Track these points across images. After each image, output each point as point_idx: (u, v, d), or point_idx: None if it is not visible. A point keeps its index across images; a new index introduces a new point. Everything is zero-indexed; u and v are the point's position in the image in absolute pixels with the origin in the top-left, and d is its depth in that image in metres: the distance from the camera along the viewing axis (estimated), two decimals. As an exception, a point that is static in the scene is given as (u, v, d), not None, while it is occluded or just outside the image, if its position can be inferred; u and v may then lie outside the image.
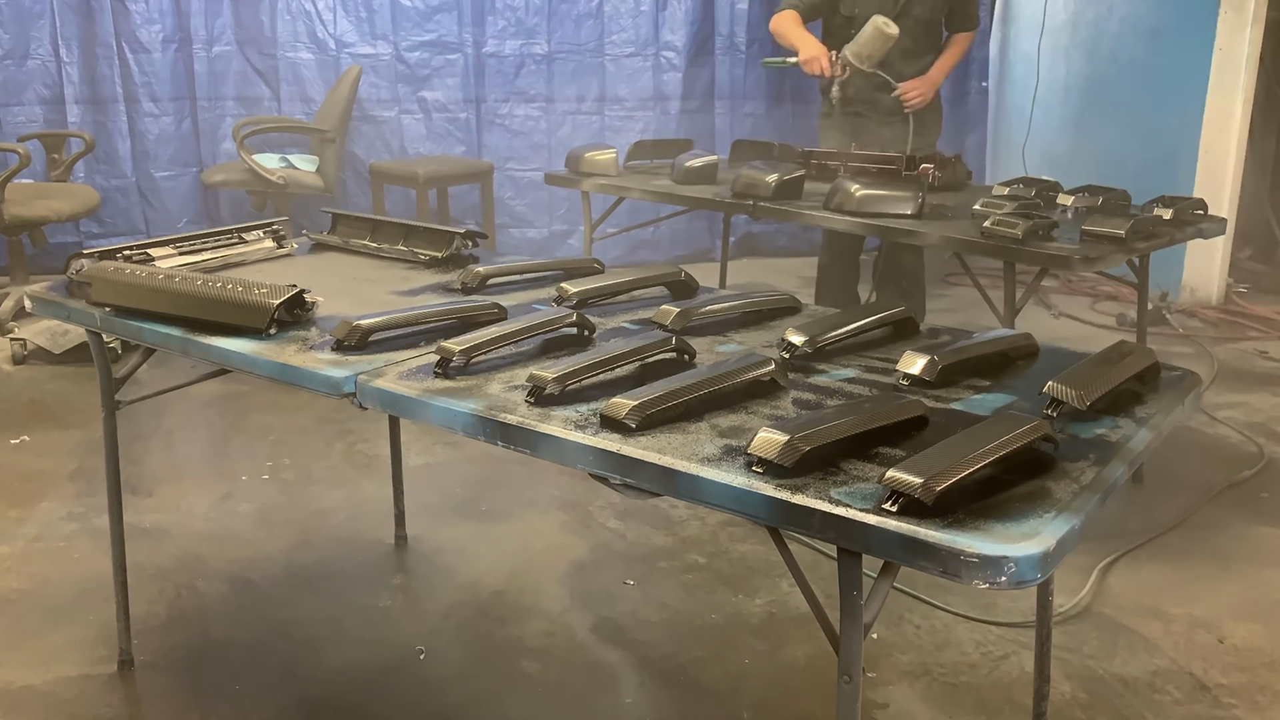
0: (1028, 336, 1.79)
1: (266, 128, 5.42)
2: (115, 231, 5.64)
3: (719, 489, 1.28)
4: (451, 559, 2.92)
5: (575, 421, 1.45)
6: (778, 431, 1.29)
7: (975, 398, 1.57)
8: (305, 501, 3.24)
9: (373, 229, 2.55)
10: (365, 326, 1.77)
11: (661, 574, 2.83)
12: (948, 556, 1.11)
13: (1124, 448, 1.39)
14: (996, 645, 2.47)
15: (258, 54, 5.77)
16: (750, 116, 6.36)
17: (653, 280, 2.16)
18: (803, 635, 2.51)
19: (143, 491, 3.26)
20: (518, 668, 2.42)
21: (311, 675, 2.39)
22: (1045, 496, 1.24)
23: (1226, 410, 4.00)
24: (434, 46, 5.92)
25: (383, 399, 1.62)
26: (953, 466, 1.19)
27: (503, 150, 6.08)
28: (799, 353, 1.72)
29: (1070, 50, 6.29)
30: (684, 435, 1.41)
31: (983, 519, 1.17)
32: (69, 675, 2.36)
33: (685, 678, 2.39)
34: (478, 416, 1.50)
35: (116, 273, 2.00)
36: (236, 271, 2.29)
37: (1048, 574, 1.13)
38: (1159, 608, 2.65)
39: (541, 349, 1.79)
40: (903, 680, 2.35)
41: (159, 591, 2.71)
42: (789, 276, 6.00)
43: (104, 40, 5.53)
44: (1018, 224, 2.74)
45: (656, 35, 6.15)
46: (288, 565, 2.87)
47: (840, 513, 1.18)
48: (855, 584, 1.23)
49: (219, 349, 1.81)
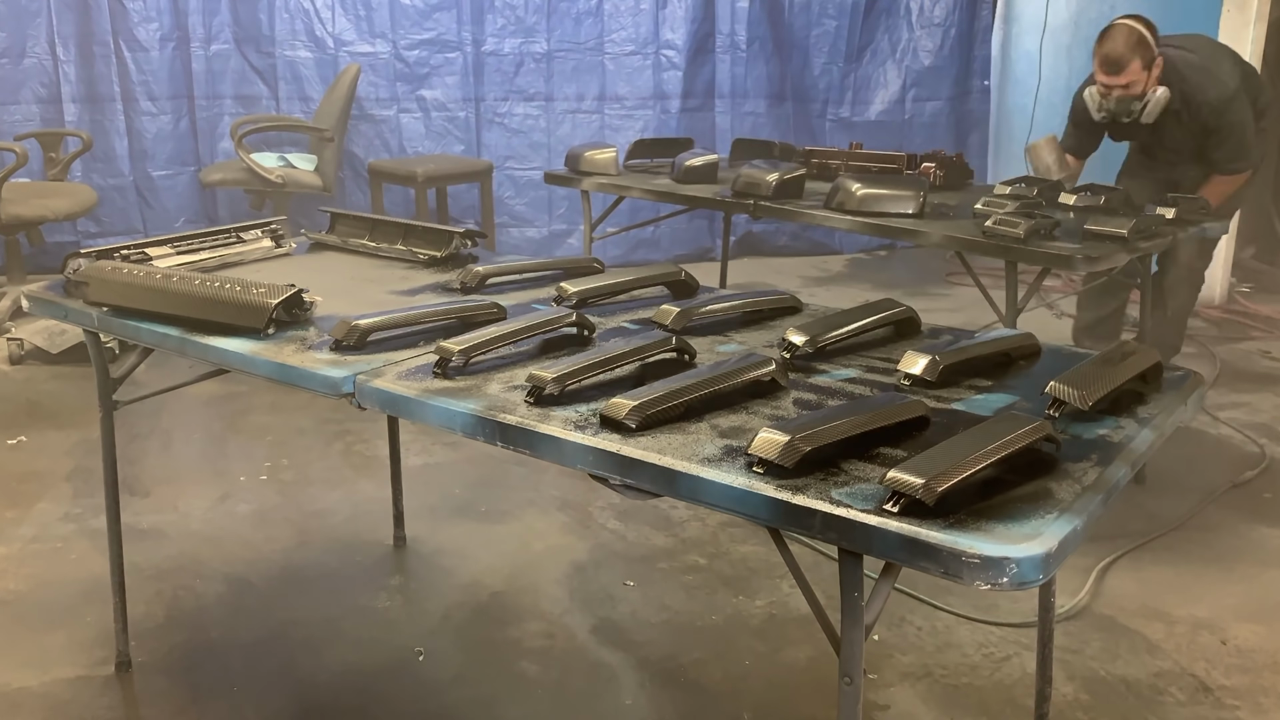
0: (1030, 336, 1.79)
1: (264, 126, 5.42)
2: (112, 231, 5.64)
3: (719, 490, 1.28)
4: (450, 560, 2.92)
5: (575, 422, 1.45)
6: (778, 432, 1.29)
7: (977, 398, 1.57)
8: (303, 502, 3.24)
9: (371, 228, 2.55)
10: (364, 326, 1.77)
11: (662, 575, 2.83)
12: (949, 557, 1.11)
13: (1126, 448, 1.39)
14: (998, 646, 2.47)
15: (256, 52, 5.77)
16: (751, 115, 6.36)
17: (653, 280, 2.16)
18: (803, 637, 2.51)
19: (140, 492, 3.26)
20: (517, 669, 2.42)
21: (310, 677, 2.39)
22: (1047, 497, 1.24)
23: (1229, 411, 4.00)
24: (433, 45, 5.92)
25: (381, 399, 1.62)
26: (954, 467, 1.19)
27: (502, 149, 6.08)
28: (800, 353, 1.72)
29: (1072, 49, 6.29)
30: (684, 436, 1.41)
31: (984, 520, 1.17)
32: (66, 677, 2.36)
33: (686, 679, 2.39)
34: (477, 417, 1.50)
35: (114, 272, 2.00)
36: (234, 271, 2.29)
37: (1050, 575, 1.14)
38: (1161, 609, 2.65)
39: (541, 349, 1.79)
40: (904, 682, 2.36)
41: (156, 592, 2.71)
42: (790, 276, 6.00)
43: (101, 38, 5.53)
44: (1020, 223, 2.74)
45: (657, 33, 6.15)
46: (286, 566, 2.87)
47: (841, 513, 1.19)
48: (856, 585, 1.23)
49: (217, 349, 1.81)
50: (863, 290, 5.72)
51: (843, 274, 6.26)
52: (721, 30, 6.26)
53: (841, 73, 6.52)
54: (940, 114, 6.67)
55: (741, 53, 6.28)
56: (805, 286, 5.76)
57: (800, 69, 6.48)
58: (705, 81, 6.29)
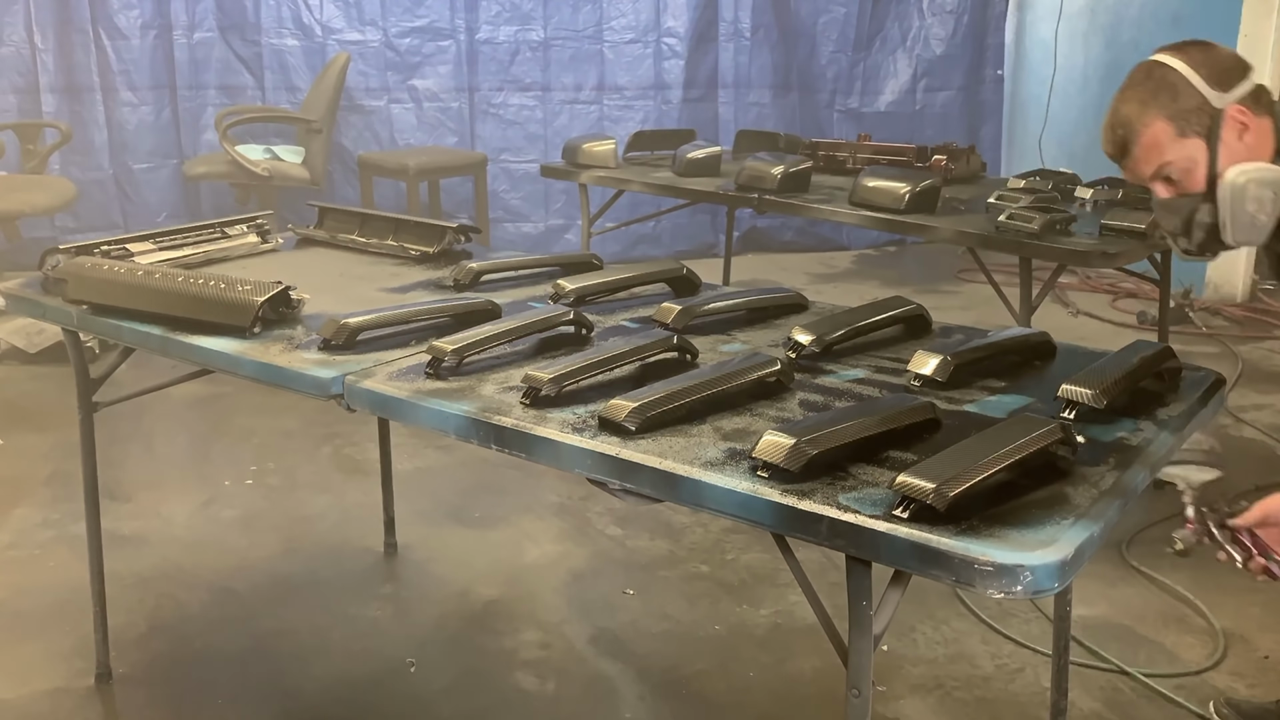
0: (1044, 335, 1.79)
1: (250, 118, 5.42)
2: (92, 226, 5.63)
3: (722, 494, 1.28)
4: (443, 567, 2.92)
5: (572, 424, 1.45)
6: (784, 434, 1.29)
7: (990, 399, 1.57)
8: (291, 508, 3.25)
9: (361, 223, 2.56)
10: (353, 325, 1.77)
11: (662, 583, 2.83)
12: (961, 565, 1.11)
13: (1145, 451, 1.39)
14: (1011, 658, 2.48)
15: (241, 40, 5.77)
16: (755, 106, 6.36)
17: (653, 277, 2.16)
18: (810, 647, 2.51)
19: (121, 497, 3.27)
20: (512, 681, 2.42)
21: (297, 689, 2.39)
22: (1063, 502, 1.24)
23: (1252, 412, 4.00)
24: (425, 33, 5.92)
25: (371, 400, 1.62)
26: (966, 471, 1.19)
27: (497, 141, 6.08)
28: (806, 352, 1.72)
29: (1089, 37, 6.29)
30: (686, 438, 1.41)
31: (998, 526, 1.17)
32: (44, 689, 2.36)
33: (687, 692, 2.39)
34: (470, 419, 1.50)
35: (94, 269, 2.00)
36: (219, 268, 2.29)
37: (1066, 583, 1.14)
38: (1182, 618, 2.65)
39: (537, 348, 1.79)
40: (914, 694, 2.36)
41: (138, 601, 2.71)
42: (796, 273, 6.01)
43: (80, 26, 5.53)
44: (1034, 218, 2.74)
45: (658, 21, 6.16)
46: (272, 574, 2.88)
47: (849, 519, 1.19)
48: (865, 594, 1.23)
49: (201, 348, 1.81)
50: (871, 287, 5.72)
51: (850, 270, 6.26)
52: (725, 17, 6.26)
53: (849, 62, 6.52)
54: (952, 104, 6.68)
55: (745, 41, 6.28)
56: (811, 283, 5.77)
57: (807, 58, 6.48)
58: (708, 71, 6.29)
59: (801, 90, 6.47)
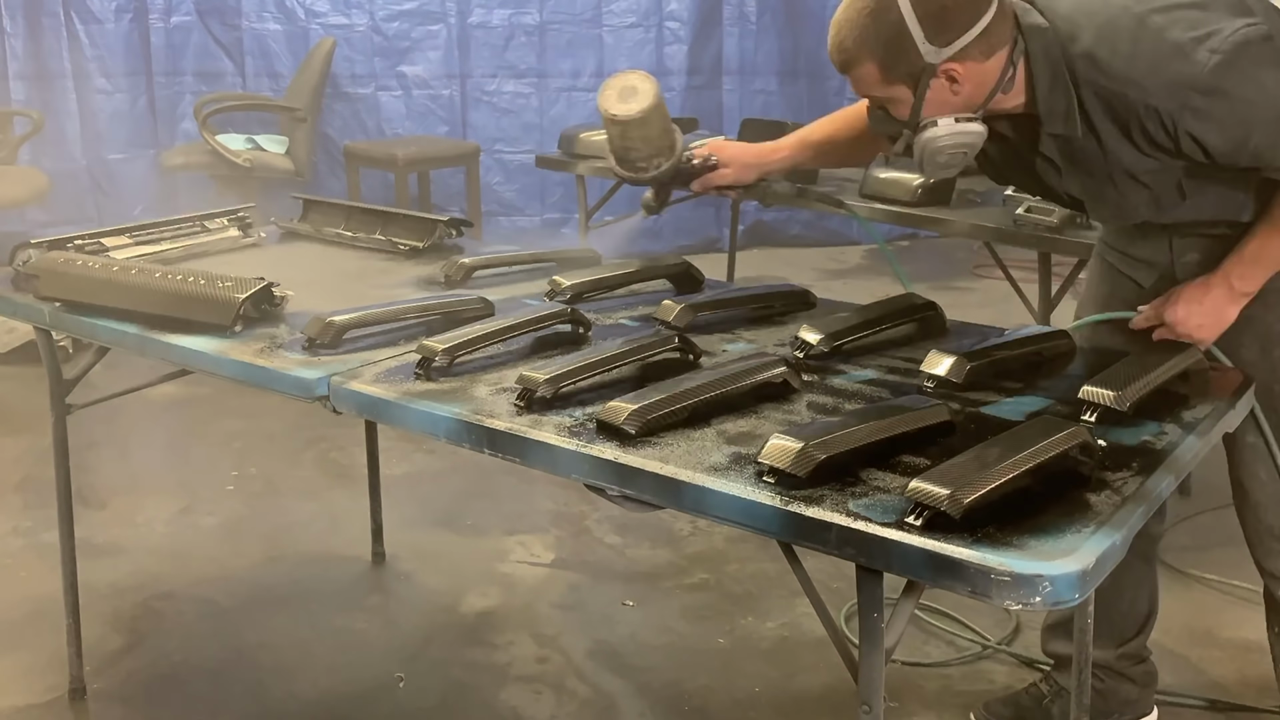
0: (1064, 334, 1.79)
1: (231, 106, 5.42)
2: (65, 219, 5.60)
3: (726, 501, 1.28)
4: (433, 578, 2.93)
5: (569, 427, 1.46)
6: (791, 438, 1.29)
7: (1007, 401, 1.57)
8: (274, 515, 3.25)
9: (347, 216, 2.56)
10: (339, 323, 1.77)
11: (664, 594, 2.83)
12: (977, 575, 1.12)
13: (1170, 456, 1.39)
14: (1029, 672, 2.48)
15: (220, 25, 5.77)
16: (761, 93, 6.36)
17: (654, 273, 2.16)
18: (818, 661, 2.52)
19: (95, 504, 3.27)
20: (505, 698, 2.42)
21: (280, 705, 2.39)
22: (1084, 509, 1.24)
23: None
24: (414, 16, 5.92)
25: (358, 402, 1.62)
26: (982, 477, 1.20)
27: (490, 131, 6.08)
28: (814, 352, 1.72)
29: (1111, 20, 6.29)
30: (688, 442, 1.41)
31: (1015, 534, 1.17)
32: (15, 705, 2.36)
33: (690, 708, 2.39)
34: (462, 422, 1.50)
35: (67, 264, 2.01)
36: (199, 263, 2.29)
37: (1086, 594, 1.14)
38: (1208, 632, 2.65)
39: (532, 348, 1.79)
40: (927, 711, 2.36)
41: (113, 613, 2.71)
42: (803, 268, 6.01)
43: (50, 9, 5.52)
44: (1053, 211, 2.75)
45: (659, 4, 6.15)
46: (254, 584, 2.88)
47: (859, 527, 1.19)
48: (875, 605, 1.24)
49: (179, 348, 1.82)
50: (882, 284, 5.72)
51: (861, 266, 6.26)
52: (730, 1, 6.26)
53: (860, 47, 6.51)
54: (967, 92, 6.67)
55: (751, 25, 6.28)
56: (820, 280, 5.77)
57: (815, 43, 6.46)
58: (712, 57, 6.29)
59: (809, 77, 6.46)
